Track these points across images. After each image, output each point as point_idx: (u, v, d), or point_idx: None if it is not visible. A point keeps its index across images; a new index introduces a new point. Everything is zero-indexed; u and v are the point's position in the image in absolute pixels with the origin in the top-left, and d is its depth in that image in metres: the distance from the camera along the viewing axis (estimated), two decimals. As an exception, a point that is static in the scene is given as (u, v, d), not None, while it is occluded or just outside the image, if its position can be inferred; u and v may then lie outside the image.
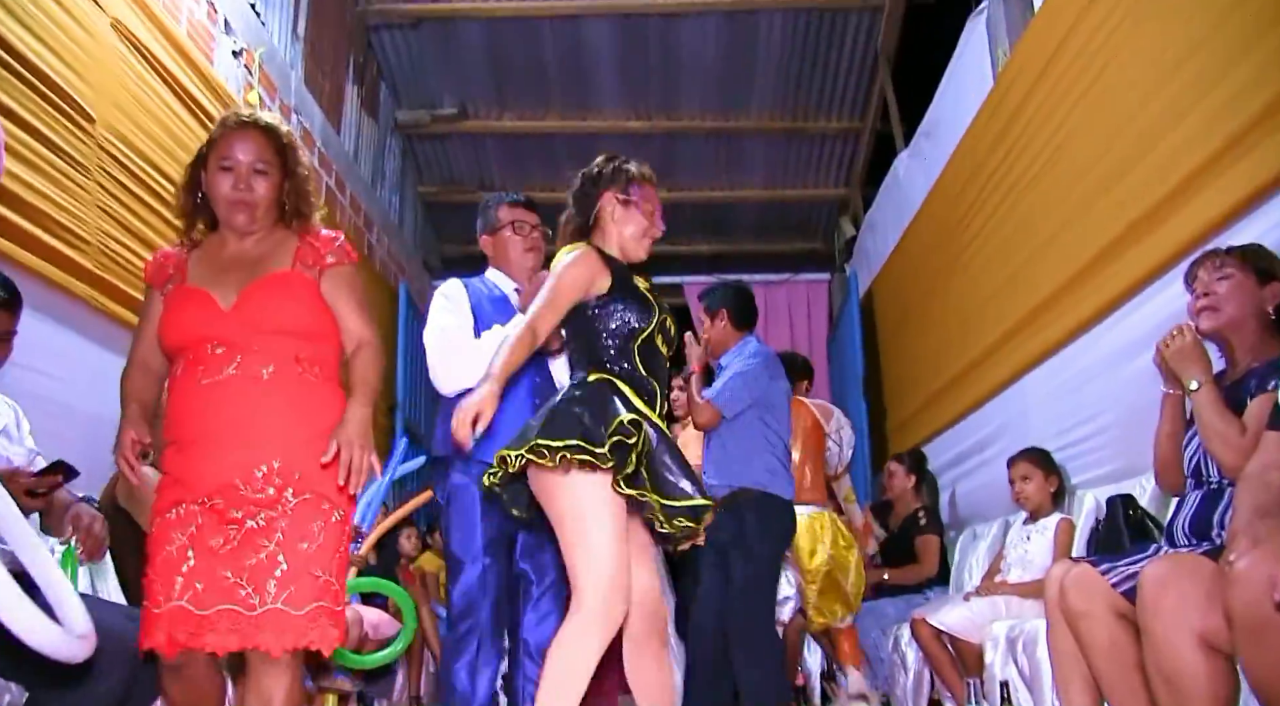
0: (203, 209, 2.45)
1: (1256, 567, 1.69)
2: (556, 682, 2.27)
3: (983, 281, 5.19)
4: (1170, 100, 3.43)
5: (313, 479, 2.25)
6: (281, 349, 2.30)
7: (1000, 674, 3.26)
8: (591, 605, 2.29)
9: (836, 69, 7.53)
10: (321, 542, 2.23)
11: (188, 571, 2.17)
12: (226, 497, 2.21)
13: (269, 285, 2.35)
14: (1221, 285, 2.53)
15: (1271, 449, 2.15)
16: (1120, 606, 2.33)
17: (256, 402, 2.26)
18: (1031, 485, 3.83)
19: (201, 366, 2.26)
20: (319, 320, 2.39)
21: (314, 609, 2.18)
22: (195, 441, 2.26)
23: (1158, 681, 2.06)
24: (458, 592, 3.02)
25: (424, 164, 8.39)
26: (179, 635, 2.14)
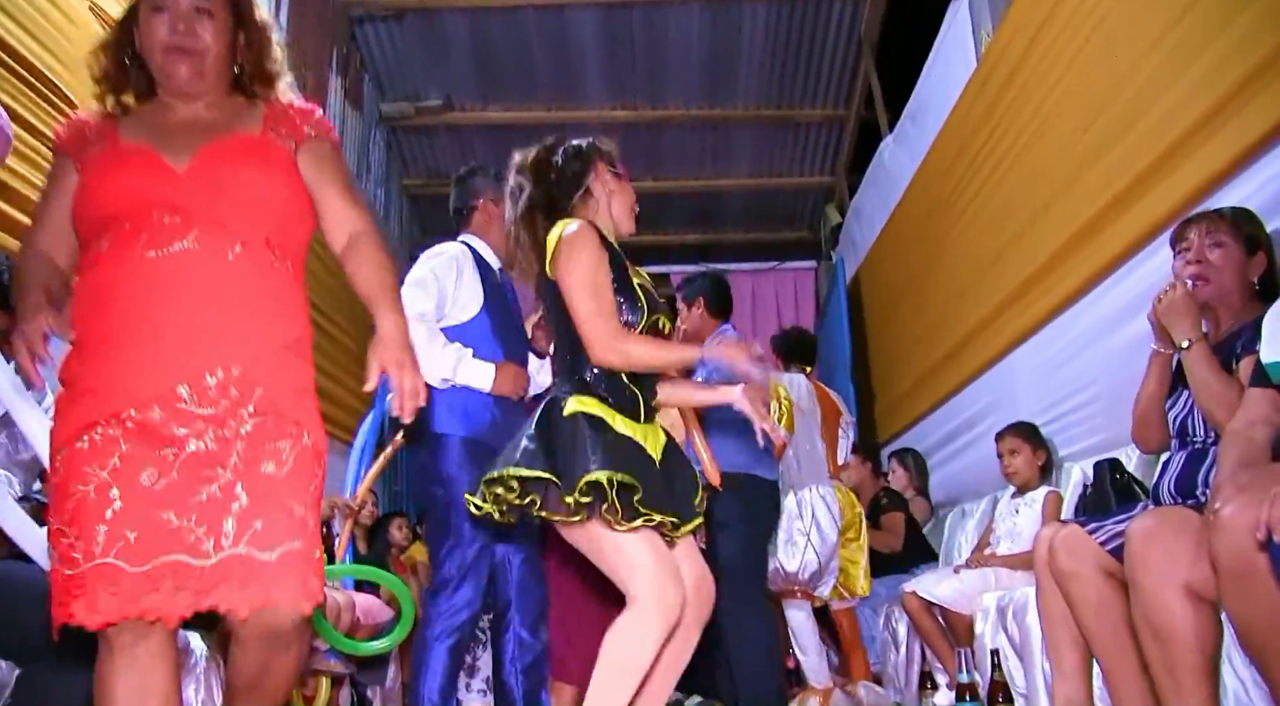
0: (137, 74, 1.94)
1: (1241, 514, 1.70)
2: (612, 674, 2.22)
3: (969, 262, 5.21)
4: (1151, 75, 3.45)
5: (280, 398, 1.78)
6: (253, 226, 1.83)
7: (991, 643, 3.27)
8: (646, 596, 2.22)
9: (820, 57, 7.54)
10: (292, 468, 1.74)
11: (113, 517, 1.63)
12: (166, 410, 1.69)
13: (236, 147, 1.87)
14: (1214, 253, 2.54)
15: (1254, 405, 2.16)
16: (1108, 565, 2.35)
17: (217, 286, 1.76)
18: (1020, 459, 3.84)
19: (145, 235, 1.75)
20: (297, 200, 1.93)
21: (289, 552, 1.69)
22: (123, 335, 1.73)
23: (1145, 632, 2.08)
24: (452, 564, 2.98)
25: (409, 156, 8.37)
26: (107, 602, 1.60)
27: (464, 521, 2.94)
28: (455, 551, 2.96)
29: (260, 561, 1.66)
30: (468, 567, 2.96)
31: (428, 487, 3.12)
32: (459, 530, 2.97)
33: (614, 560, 2.28)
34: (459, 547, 2.96)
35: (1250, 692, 2.05)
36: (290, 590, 1.68)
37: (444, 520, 3.03)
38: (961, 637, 3.56)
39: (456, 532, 2.97)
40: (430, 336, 2.97)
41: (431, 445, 3.04)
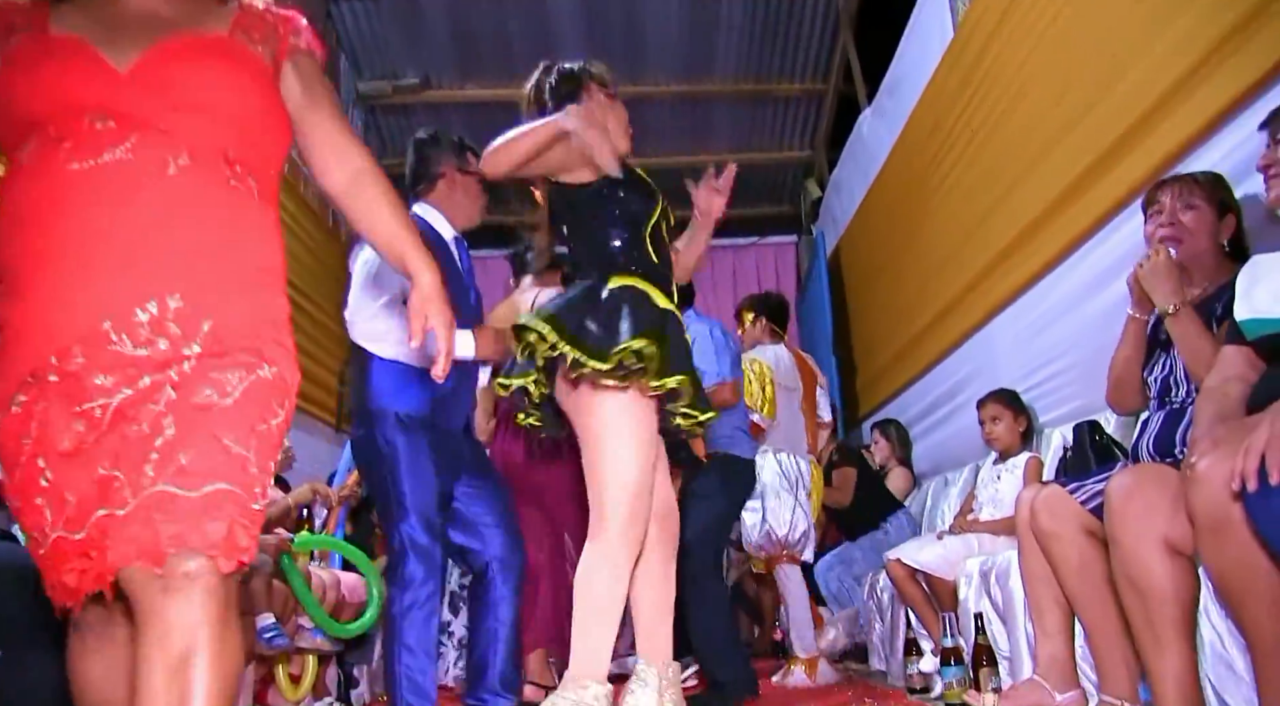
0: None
1: (1216, 466, 1.72)
2: (590, 614, 2.25)
3: (947, 233, 5.23)
4: (1123, 44, 3.47)
5: (234, 330, 1.48)
6: (205, 136, 1.50)
7: (974, 607, 3.29)
8: (613, 532, 2.26)
9: (799, 32, 7.53)
10: (239, 399, 1.44)
11: (48, 487, 1.40)
12: (90, 353, 1.40)
13: (195, 46, 1.54)
14: (1187, 215, 2.57)
15: (1229, 362, 2.19)
16: (1089, 524, 2.37)
17: (153, 204, 1.44)
18: (1001, 426, 3.87)
19: (70, 144, 1.44)
20: (268, 113, 1.60)
21: (217, 492, 1.38)
22: (42, 264, 1.43)
23: (1125, 586, 2.10)
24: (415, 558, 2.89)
25: (387, 136, 8.31)
26: (70, 579, 1.39)
27: (405, 492, 2.90)
28: (399, 525, 2.90)
29: (182, 498, 1.35)
30: (413, 540, 2.89)
31: (368, 465, 3.03)
32: (400, 501, 2.91)
33: (604, 450, 2.30)
34: (402, 521, 2.89)
35: (1226, 644, 2.08)
36: (210, 537, 1.35)
37: (385, 494, 2.95)
38: (945, 603, 3.59)
39: (399, 505, 2.91)
40: (398, 312, 2.92)
41: (368, 421, 2.96)
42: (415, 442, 2.92)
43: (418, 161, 3.21)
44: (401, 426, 2.91)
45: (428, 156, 3.20)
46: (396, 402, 2.93)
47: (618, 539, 2.27)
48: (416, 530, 2.88)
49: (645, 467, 2.33)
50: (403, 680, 2.84)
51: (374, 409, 2.94)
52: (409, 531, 2.88)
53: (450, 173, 3.18)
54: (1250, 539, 1.65)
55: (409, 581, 2.86)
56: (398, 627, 2.85)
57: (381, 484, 2.95)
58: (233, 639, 1.40)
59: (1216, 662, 2.10)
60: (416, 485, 2.90)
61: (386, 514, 2.97)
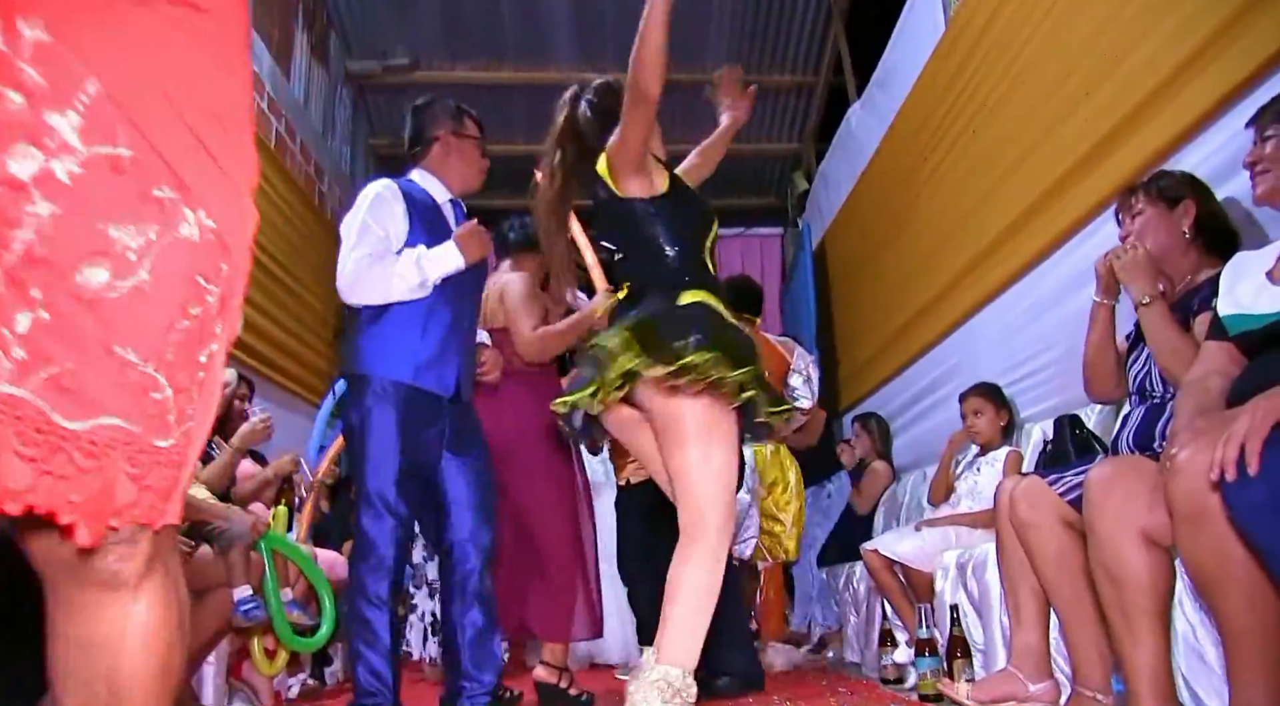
0: None
1: (1196, 457, 1.73)
2: (690, 612, 2.26)
3: (933, 228, 5.24)
4: (1112, 42, 3.48)
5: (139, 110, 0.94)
6: None
7: (950, 599, 3.31)
8: (713, 541, 2.29)
9: (790, 23, 7.53)
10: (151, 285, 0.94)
11: None
12: None
13: None
14: (1136, 222, 2.63)
15: (1210, 357, 2.20)
16: (1068, 515, 2.39)
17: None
18: (983, 419, 3.89)
19: None
20: None
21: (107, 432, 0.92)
22: None
23: (1101, 576, 2.11)
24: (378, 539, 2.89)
25: (375, 116, 8.29)
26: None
27: (367, 459, 2.91)
28: (359, 490, 2.92)
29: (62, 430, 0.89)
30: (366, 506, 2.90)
31: (348, 432, 3.06)
32: (362, 469, 2.93)
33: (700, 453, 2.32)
34: (363, 486, 2.91)
35: (1199, 635, 2.09)
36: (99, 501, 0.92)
37: (354, 459, 3.00)
38: (922, 595, 3.60)
39: (360, 472, 2.93)
40: (382, 260, 2.94)
41: (353, 388, 3.00)
42: (385, 414, 2.92)
43: (413, 126, 3.22)
44: (376, 396, 2.92)
45: (422, 121, 3.21)
46: (378, 367, 2.94)
47: (716, 535, 2.31)
48: (378, 515, 2.89)
49: (733, 466, 2.38)
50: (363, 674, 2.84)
51: (358, 374, 2.96)
52: (367, 518, 2.89)
53: (445, 136, 3.18)
54: (1227, 529, 1.66)
55: (362, 566, 2.88)
56: (354, 581, 2.90)
57: (351, 449, 3.00)
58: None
59: (1189, 654, 2.11)
60: (379, 457, 2.91)
61: (356, 477, 2.99)
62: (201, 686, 3.27)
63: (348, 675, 4.70)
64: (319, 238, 6.50)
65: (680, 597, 2.27)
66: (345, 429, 3.07)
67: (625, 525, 4.43)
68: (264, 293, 5.47)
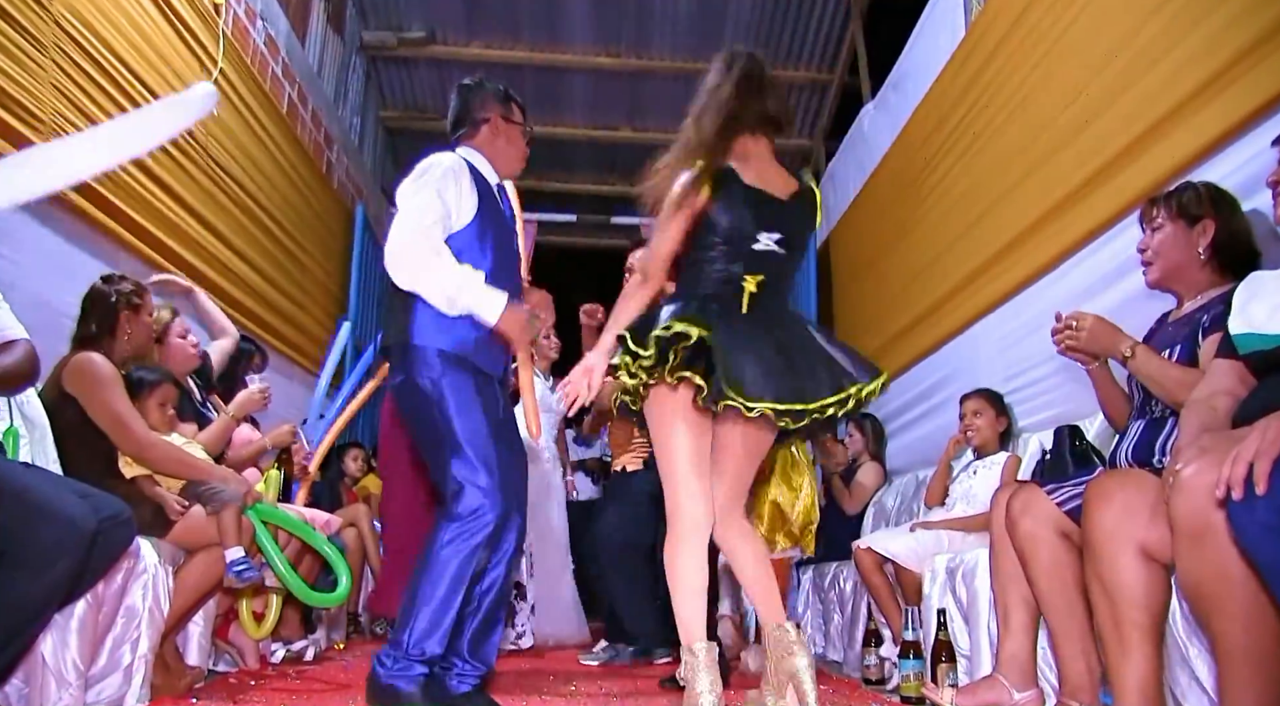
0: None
1: (1201, 475, 1.72)
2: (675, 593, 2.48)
3: (941, 232, 5.23)
4: (1132, 57, 3.48)
5: None
6: None
7: (938, 603, 3.31)
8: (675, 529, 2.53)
9: (809, 19, 7.52)
10: None
11: None
12: None
13: None
14: (1154, 238, 2.62)
15: (1219, 375, 2.20)
16: (1064, 526, 2.38)
17: None
18: (982, 420, 3.90)
19: None
20: None
21: None
22: None
23: (1095, 587, 2.11)
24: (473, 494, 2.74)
25: (387, 88, 8.26)
26: None
27: (456, 430, 2.77)
28: (451, 464, 2.76)
29: None
30: (471, 480, 2.75)
31: (412, 409, 2.89)
32: (452, 440, 2.78)
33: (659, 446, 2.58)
34: (455, 458, 2.76)
35: (1190, 654, 2.09)
36: None
37: (433, 436, 2.82)
38: (910, 596, 3.61)
39: (450, 444, 2.78)
40: (436, 251, 2.80)
41: (408, 362, 2.84)
42: (460, 379, 2.81)
43: (461, 105, 3.14)
44: (445, 362, 2.81)
45: (471, 101, 3.13)
46: (439, 340, 2.82)
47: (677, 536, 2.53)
48: (473, 467, 2.76)
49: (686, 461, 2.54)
50: (417, 614, 2.71)
51: (416, 345, 2.82)
52: (463, 470, 2.76)
53: (495, 119, 3.10)
54: (1229, 548, 1.66)
55: (457, 515, 2.74)
56: (428, 560, 2.73)
57: (428, 425, 2.83)
58: None
59: (1180, 672, 2.11)
60: (467, 421, 2.78)
61: (436, 458, 2.83)
62: (186, 645, 3.26)
63: (330, 643, 4.71)
64: (325, 205, 6.48)
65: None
66: (411, 408, 2.88)
67: (611, 511, 4.43)
68: (267, 257, 5.46)
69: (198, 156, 4.59)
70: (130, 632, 2.76)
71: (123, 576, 2.70)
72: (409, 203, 2.82)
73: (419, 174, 2.87)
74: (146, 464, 3.12)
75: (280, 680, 3.50)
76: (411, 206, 2.81)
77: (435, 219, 2.80)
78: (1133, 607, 2.04)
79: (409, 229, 2.77)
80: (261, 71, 5.41)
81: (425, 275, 2.77)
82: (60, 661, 2.45)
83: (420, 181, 2.85)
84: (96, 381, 2.98)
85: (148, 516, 3.01)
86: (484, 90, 3.14)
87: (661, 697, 3.39)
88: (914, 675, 3.24)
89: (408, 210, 2.80)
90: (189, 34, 4.46)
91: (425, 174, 2.86)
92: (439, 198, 2.82)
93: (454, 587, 2.71)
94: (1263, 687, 1.70)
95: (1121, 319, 2.97)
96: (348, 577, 3.56)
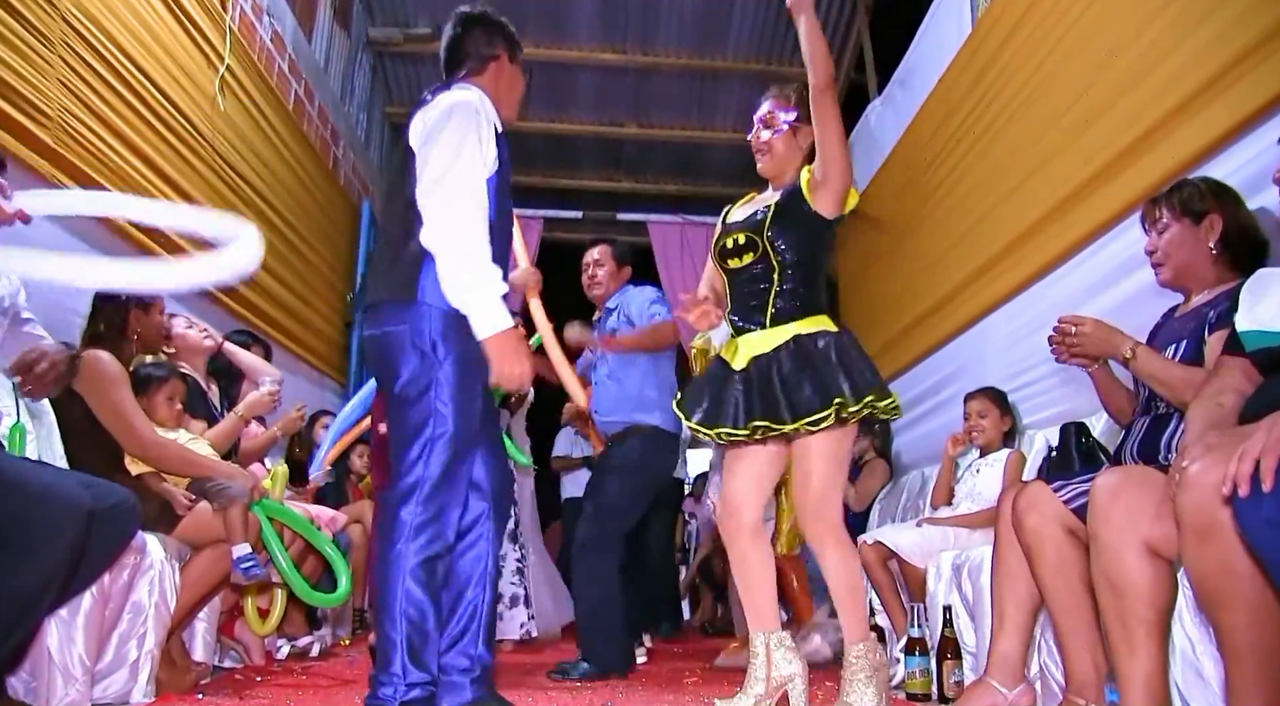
0: None
1: (1208, 471, 1.72)
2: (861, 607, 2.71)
3: (946, 229, 5.22)
4: (1138, 54, 3.48)
5: None
6: None
7: (944, 600, 3.31)
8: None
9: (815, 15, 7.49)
10: None
11: None
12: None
13: None
14: (1161, 239, 2.62)
15: (1226, 372, 2.19)
16: (1070, 523, 2.37)
17: None
18: (987, 421, 3.89)
19: None
20: None
21: None
22: None
23: (1101, 584, 2.11)
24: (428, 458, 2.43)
25: (394, 84, 8.26)
26: None
27: (447, 404, 2.45)
28: (433, 443, 2.44)
29: None
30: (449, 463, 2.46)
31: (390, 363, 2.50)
32: (438, 415, 2.45)
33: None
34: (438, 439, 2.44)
35: (1198, 651, 2.09)
36: None
37: (416, 404, 2.46)
38: (915, 592, 3.60)
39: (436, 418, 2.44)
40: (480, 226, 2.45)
41: (411, 315, 2.47)
42: (466, 344, 2.46)
43: (463, 37, 2.78)
44: (447, 324, 2.46)
45: (480, 34, 2.77)
46: (443, 300, 2.46)
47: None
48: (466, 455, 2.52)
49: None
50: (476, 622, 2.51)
51: (423, 302, 2.46)
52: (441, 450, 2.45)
53: (503, 58, 2.78)
54: (1236, 544, 1.65)
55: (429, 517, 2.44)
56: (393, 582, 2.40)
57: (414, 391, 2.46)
58: None
59: (1187, 668, 2.11)
60: (462, 399, 2.47)
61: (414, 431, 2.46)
62: (192, 641, 3.27)
63: (336, 640, 4.72)
64: (331, 202, 6.49)
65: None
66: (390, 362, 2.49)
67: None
68: (273, 253, 5.46)
69: (204, 152, 4.59)
70: (136, 628, 2.78)
71: (129, 572, 2.71)
72: (451, 149, 2.45)
73: (448, 112, 2.50)
74: (151, 463, 3.12)
75: (285, 676, 3.52)
76: (452, 151, 2.45)
77: (478, 161, 2.47)
78: (1138, 603, 2.03)
79: (462, 188, 2.43)
80: (268, 68, 5.42)
81: (459, 246, 2.42)
82: (67, 657, 2.47)
83: (449, 122, 2.48)
84: (103, 380, 2.98)
85: (154, 512, 3.02)
86: (494, 25, 2.81)
87: (663, 690, 3.39)
88: (919, 672, 3.24)
89: (454, 161, 2.44)
90: (196, 30, 4.47)
91: (455, 114, 2.50)
92: (479, 146, 2.48)
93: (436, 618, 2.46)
94: (1269, 684, 1.70)
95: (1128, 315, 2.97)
96: (348, 578, 3.57)
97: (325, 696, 3.01)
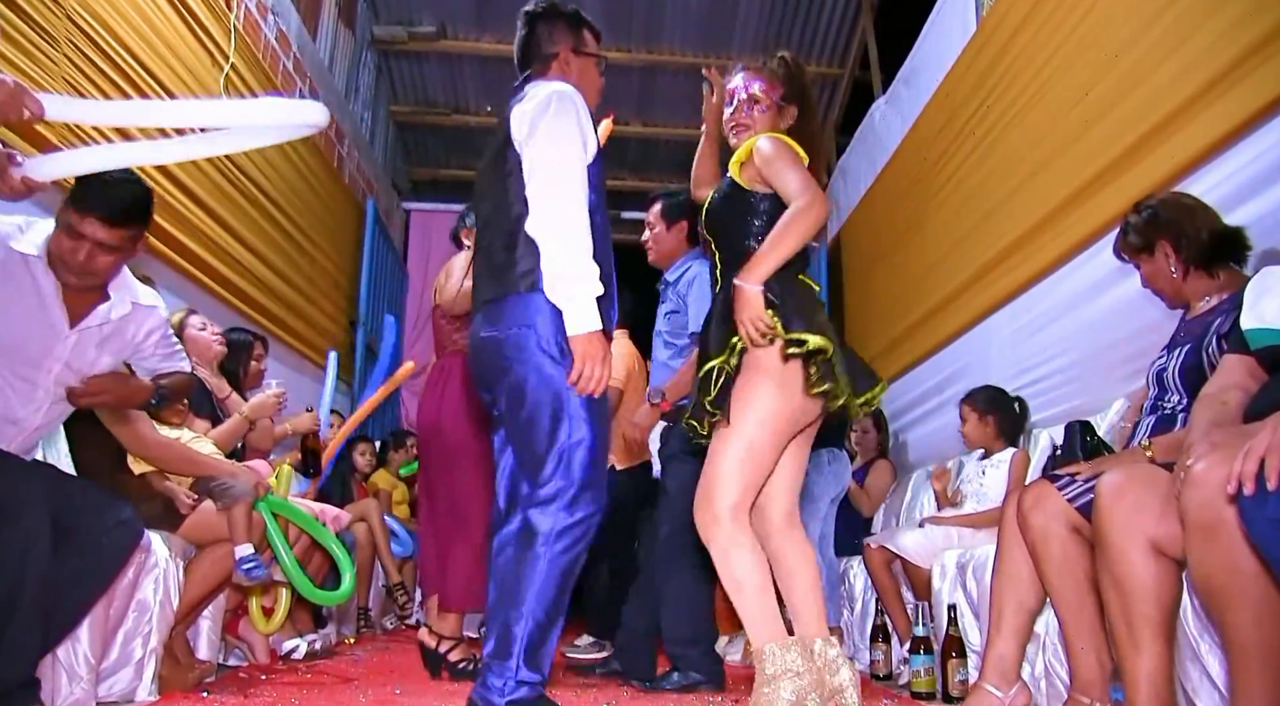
0: None
1: (1213, 469, 1.72)
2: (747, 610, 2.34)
3: (951, 228, 5.22)
4: (1144, 53, 3.48)
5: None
6: None
7: (948, 599, 3.31)
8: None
9: (819, 13, 7.51)
10: None
11: None
12: None
13: None
14: (1141, 274, 2.75)
15: (1230, 371, 2.20)
16: (1075, 521, 2.38)
17: None
18: (966, 425, 3.91)
19: None
20: None
21: None
22: None
23: (1107, 583, 2.11)
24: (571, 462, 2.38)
25: (398, 82, 8.27)
26: None
27: (580, 409, 2.41)
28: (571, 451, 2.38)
29: None
30: (589, 465, 2.40)
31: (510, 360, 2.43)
32: (573, 420, 2.40)
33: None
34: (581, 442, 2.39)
35: (1202, 649, 2.09)
36: None
37: (548, 405, 2.39)
38: (920, 592, 3.60)
39: (572, 424, 2.39)
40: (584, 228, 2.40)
41: (528, 310, 2.42)
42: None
43: (527, 35, 2.74)
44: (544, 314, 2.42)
45: (545, 30, 2.72)
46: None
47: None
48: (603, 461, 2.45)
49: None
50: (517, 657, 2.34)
51: (545, 297, 2.41)
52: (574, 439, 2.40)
53: (564, 53, 2.70)
54: (1241, 542, 1.65)
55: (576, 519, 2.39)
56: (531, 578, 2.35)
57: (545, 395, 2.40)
58: None
59: (1192, 667, 2.11)
60: (594, 404, 2.42)
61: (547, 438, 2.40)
62: (196, 639, 3.27)
63: (340, 638, 4.72)
64: (336, 200, 6.49)
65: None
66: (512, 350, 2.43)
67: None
68: (277, 252, 5.47)
69: (208, 151, 4.60)
70: (141, 627, 2.78)
71: (134, 571, 2.71)
72: (555, 137, 2.43)
73: (547, 102, 2.46)
74: (153, 462, 3.13)
75: (290, 674, 3.52)
76: (563, 148, 2.42)
77: (583, 166, 2.45)
78: (1143, 602, 2.03)
79: (566, 176, 2.40)
80: (272, 66, 5.42)
81: (565, 238, 2.39)
82: (72, 655, 2.48)
83: (548, 112, 2.45)
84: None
85: (158, 511, 3.02)
86: (552, 18, 2.73)
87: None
88: (924, 670, 3.24)
89: (556, 150, 2.42)
90: (200, 29, 4.47)
91: (557, 102, 2.46)
92: (580, 134, 2.46)
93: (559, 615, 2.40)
94: (1274, 682, 1.70)
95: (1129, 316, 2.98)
96: (351, 576, 3.57)
97: (329, 694, 3.01)
